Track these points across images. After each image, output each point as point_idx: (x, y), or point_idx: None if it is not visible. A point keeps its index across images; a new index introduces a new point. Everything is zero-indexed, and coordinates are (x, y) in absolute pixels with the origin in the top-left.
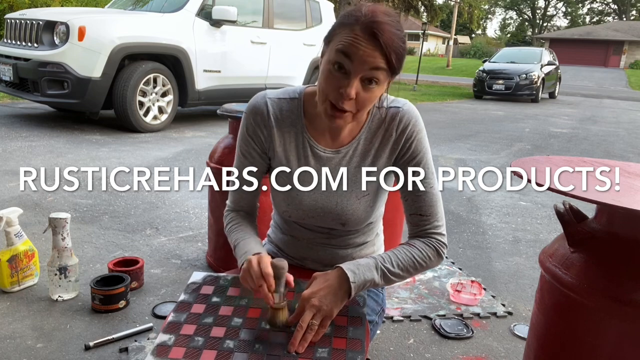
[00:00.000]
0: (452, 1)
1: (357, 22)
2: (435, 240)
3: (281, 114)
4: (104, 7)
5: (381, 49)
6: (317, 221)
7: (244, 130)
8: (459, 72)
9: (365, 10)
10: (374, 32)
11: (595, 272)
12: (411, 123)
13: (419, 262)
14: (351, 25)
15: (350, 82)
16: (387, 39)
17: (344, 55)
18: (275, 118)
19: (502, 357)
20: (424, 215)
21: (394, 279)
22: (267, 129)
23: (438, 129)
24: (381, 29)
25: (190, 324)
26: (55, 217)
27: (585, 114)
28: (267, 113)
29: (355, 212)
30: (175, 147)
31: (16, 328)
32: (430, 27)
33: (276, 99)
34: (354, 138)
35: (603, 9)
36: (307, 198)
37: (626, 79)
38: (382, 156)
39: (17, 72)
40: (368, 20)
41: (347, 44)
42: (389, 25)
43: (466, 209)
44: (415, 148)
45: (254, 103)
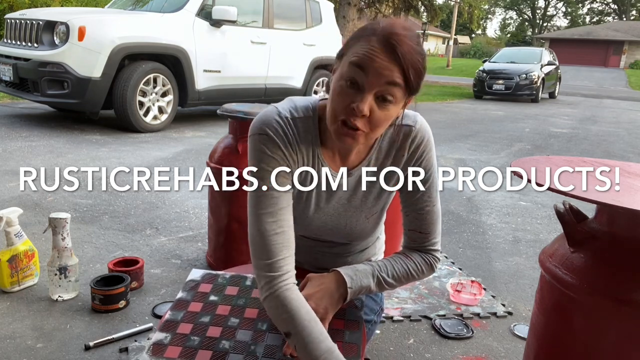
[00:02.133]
0: (452, 1)
1: (374, 33)
2: (431, 256)
3: (297, 135)
4: (104, 7)
5: (399, 62)
6: (323, 237)
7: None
8: (459, 72)
9: (384, 23)
10: (392, 43)
11: (595, 272)
12: (423, 142)
13: (412, 274)
14: (368, 37)
15: (363, 97)
16: (405, 52)
17: (358, 67)
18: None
19: (502, 357)
20: (423, 233)
21: (386, 287)
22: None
23: (438, 129)
24: (400, 41)
25: (187, 323)
26: (55, 217)
27: (585, 114)
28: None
29: (363, 231)
30: (175, 147)
31: (16, 328)
32: (430, 27)
33: (290, 119)
34: (364, 159)
35: (603, 9)
36: (316, 220)
37: (626, 79)
38: (393, 177)
39: (17, 72)
40: (386, 32)
41: (362, 55)
42: (409, 39)
43: (466, 209)
44: (425, 167)
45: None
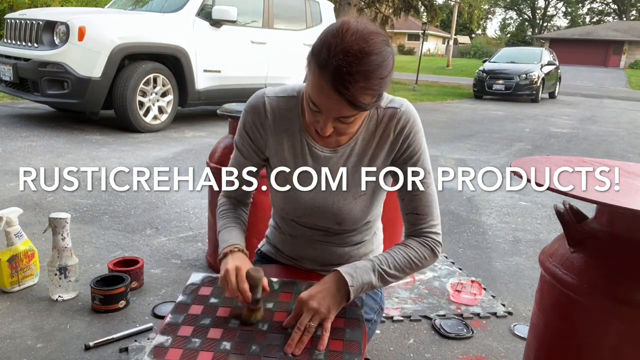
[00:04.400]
0: (452, 1)
1: (324, 67)
2: (430, 240)
3: (279, 113)
4: (104, 7)
5: (347, 102)
6: (313, 219)
7: (242, 126)
8: (459, 72)
9: (336, 51)
10: (337, 86)
11: (595, 272)
12: (409, 123)
13: (414, 262)
14: (319, 70)
15: (325, 122)
16: (353, 94)
17: (313, 103)
18: (273, 117)
19: (502, 357)
20: (420, 215)
21: (390, 280)
22: (264, 127)
23: (438, 129)
24: (346, 83)
25: (187, 325)
26: (55, 217)
27: (585, 114)
28: (264, 112)
29: (351, 212)
30: (175, 147)
31: (16, 328)
32: (430, 27)
33: (274, 97)
34: (352, 138)
35: (603, 9)
36: (305, 197)
37: (626, 79)
38: (379, 156)
39: (17, 72)
40: (333, 67)
41: (314, 92)
42: (360, 73)
43: (466, 209)
44: (413, 148)
45: (252, 101)
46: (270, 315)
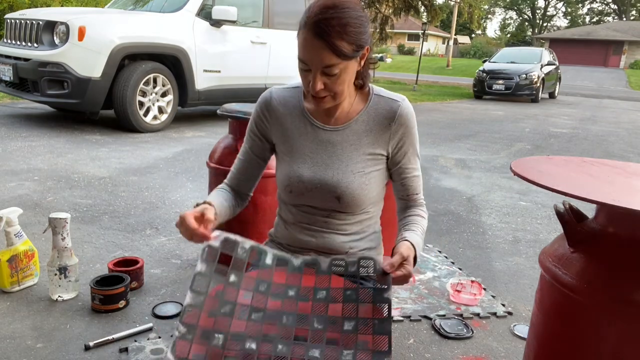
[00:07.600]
0: (452, 1)
1: (305, 24)
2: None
3: (284, 100)
4: (103, 7)
5: (329, 46)
6: (315, 195)
7: (251, 120)
8: (459, 72)
9: (314, 9)
10: (318, 32)
11: (595, 272)
12: (408, 118)
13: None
14: (302, 29)
15: (314, 78)
16: (332, 33)
17: (300, 60)
18: (278, 103)
19: (502, 357)
20: (412, 194)
21: None
22: (269, 112)
23: (438, 129)
24: (325, 28)
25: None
26: (55, 217)
27: (585, 114)
28: (270, 100)
29: (349, 186)
30: (175, 147)
31: (16, 328)
32: (430, 27)
33: (280, 89)
34: (352, 119)
35: (603, 9)
36: (307, 170)
37: (626, 79)
38: (378, 141)
39: (17, 72)
40: (312, 21)
41: (300, 49)
42: (335, 19)
43: (466, 209)
44: (410, 140)
45: (261, 96)
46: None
